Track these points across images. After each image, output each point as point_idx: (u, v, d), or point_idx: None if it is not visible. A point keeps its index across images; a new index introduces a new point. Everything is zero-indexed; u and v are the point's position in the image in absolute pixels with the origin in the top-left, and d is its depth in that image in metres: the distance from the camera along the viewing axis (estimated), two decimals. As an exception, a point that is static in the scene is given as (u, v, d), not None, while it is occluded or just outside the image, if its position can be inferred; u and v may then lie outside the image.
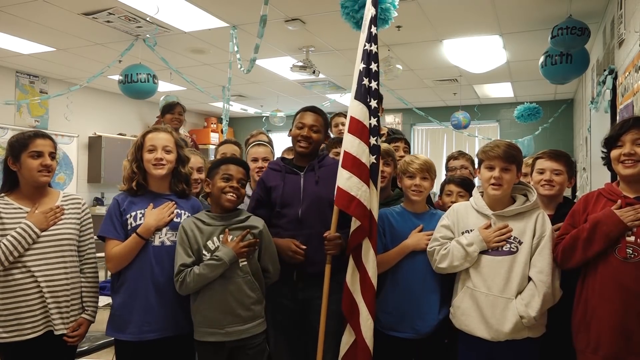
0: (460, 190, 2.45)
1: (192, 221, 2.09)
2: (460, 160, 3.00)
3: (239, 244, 2.01)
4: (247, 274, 2.04)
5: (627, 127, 1.85)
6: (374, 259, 2.08)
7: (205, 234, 2.05)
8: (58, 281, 2.04)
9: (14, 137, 2.11)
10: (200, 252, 2.03)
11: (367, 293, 2.07)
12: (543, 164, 2.27)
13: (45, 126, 6.87)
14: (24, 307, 1.99)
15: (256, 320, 2.06)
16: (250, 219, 2.13)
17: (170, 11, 4.38)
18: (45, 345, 2.03)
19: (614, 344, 1.78)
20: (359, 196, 2.06)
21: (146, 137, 2.16)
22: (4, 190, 2.11)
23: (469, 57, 5.70)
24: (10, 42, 5.28)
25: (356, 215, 2.07)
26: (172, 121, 4.35)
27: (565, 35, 3.73)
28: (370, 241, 2.09)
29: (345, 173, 2.08)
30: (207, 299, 2.01)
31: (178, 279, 1.99)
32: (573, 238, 1.89)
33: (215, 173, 2.12)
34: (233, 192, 2.08)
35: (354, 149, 2.10)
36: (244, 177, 2.13)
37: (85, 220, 2.20)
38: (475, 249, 1.99)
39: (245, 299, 2.02)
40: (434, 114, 7.83)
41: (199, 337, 2.03)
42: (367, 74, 2.16)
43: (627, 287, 1.77)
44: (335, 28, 4.70)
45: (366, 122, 2.13)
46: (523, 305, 1.90)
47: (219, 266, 1.97)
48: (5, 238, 1.97)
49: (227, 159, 2.25)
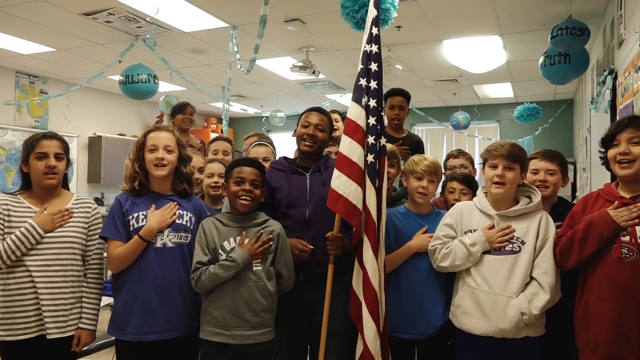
0: (463, 188, 2.44)
1: (212, 221, 2.11)
2: (460, 159, 2.99)
3: (253, 246, 2.01)
4: (260, 280, 2.03)
5: (622, 126, 1.86)
6: (373, 259, 2.05)
7: (223, 234, 2.07)
8: (57, 284, 2.04)
9: (27, 138, 2.13)
10: (216, 252, 2.04)
11: (368, 294, 2.05)
12: (537, 164, 2.27)
13: (45, 126, 6.87)
14: (19, 307, 1.99)
15: (264, 328, 2.04)
16: (268, 222, 2.13)
17: (170, 11, 4.38)
18: (42, 348, 2.03)
19: (612, 343, 1.79)
20: (346, 195, 2.04)
21: (148, 136, 2.16)
22: (20, 190, 2.14)
23: (469, 57, 5.70)
24: (10, 42, 5.27)
25: (342, 213, 2.06)
26: (184, 122, 4.36)
27: (565, 36, 3.73)
28: (369, 240, 2.06)
29: (336, 172, 2.08)
30: (217, 298, 2.02)
31: (194, 276, 2.02)
32: (569, 239, 1.91)
33: (229, 176, 2.13)
34: (246, 195, 2.07)
35: (345, 148, 2.10)
36: (257, 177, 2.11)
37: (93, 225, 2.19)
38: (478, 249, 2.00)
39: (255, 304, 2.01)
40: (434, 114, 7.84)
41: (204, 336, 2.03)
42: (364, 73, 2.16)
43: (623, 286, 1.78)
44: (335, 28, 4.70)
45: (360, 121, 2.12)
46: (526, 301, 1.90)
47: (232, 267, 1.98)
48: (9, 237, 1.98)
49: (240, 160, 2.21)
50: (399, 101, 3.50)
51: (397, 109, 3.49)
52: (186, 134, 4.39)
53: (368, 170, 2.10)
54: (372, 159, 2.11)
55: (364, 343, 2.03)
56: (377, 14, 2.20)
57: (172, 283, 2.05)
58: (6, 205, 2.05)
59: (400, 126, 3.57)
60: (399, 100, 3.50)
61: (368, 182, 2.10)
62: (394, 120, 3.50)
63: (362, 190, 2.08)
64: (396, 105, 3.49)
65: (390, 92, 3.54)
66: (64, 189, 2.21)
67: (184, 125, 4.36)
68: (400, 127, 3.57)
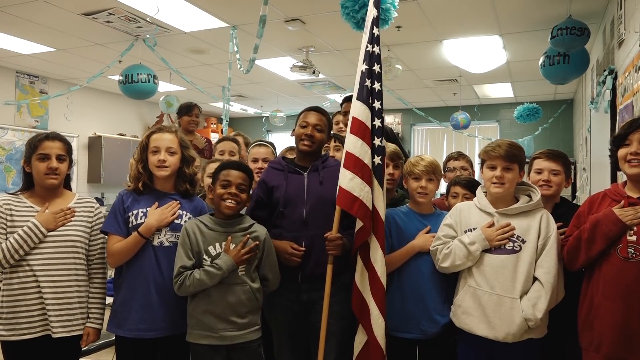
0: (466, 192, 2.43)
1: (196, 224, 2.08)
2: (461, 161, 2.99)
3: (240, 252, 2.01)
4: (245, 284, 2.03)
5: (635, 126, 1.85)
6: (382, 258, 2.09)
7: (208, 238, 2.05)
8: (61, 283, 2.04)
9: (30, 138, 2.14)
10: (200, 256, 2.03)
11: (378, 293, 2.07)
12: (541, 164, 2.27)
13: (45, 126, 6.87)
14: (23, 307, 1.99)
15: (251, 327, 2.05)
16: (254, 226, 2.12)
17: (170, 11, 4.38)
18: (46, 347, 2.03)
19: (615, 343, 1.79)
20: (361, 197, 2.06)
21: (150, 137, 2.16)
22: (21, 190, 2.15)
23: (469, 57, 5.70)
24: (10, 42, 5.27)
25: (359, 215, 2.08)
26: (190, 123, 4.36)
27: (564, 36, 3.72)
28: (378, 240, 2.09)
29: (348, 174, 2.08)
30: (203, 303, 2.01)
31: (177, 281, 1.99)
32: (576, 239, 1.90)
33: (216, 179, 2.12)
34: (231, 198, 2.06)
35: (357, 150, 2.10)
36: (244, 182, 2.10)
37: (96, 224, 2.19)
38: (478, 248, 1.99)
39: (241, 307, 2.01)
40: (434, 114, 7.83)
41: (192, 339, 2.02)
42: (369, 75, 2.16)
43: (629, 286, 1.78)
44: (335, 28, 4.70)
45: (368, 123, 2.13)
46: (530, 307, 1.90)
47: (217, 275, 1.97)
48: (12, 236, 1.98)
49: (227, 163, 2.20)
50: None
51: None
52: (192, 134, 4.40)
53: (375, 171, 2.12)
54: (379, 160, 2.13)
55: (374, 338, 2.05)
56: (378, 14, 2.20)
57: (170, 281, 2.05)
58: (8, 205, 2.05)
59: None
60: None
61: (376, 183, 2.12)
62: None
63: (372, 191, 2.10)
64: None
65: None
66: (66, 189, 2.21)
67: (190, 127, 4.36)
68: None
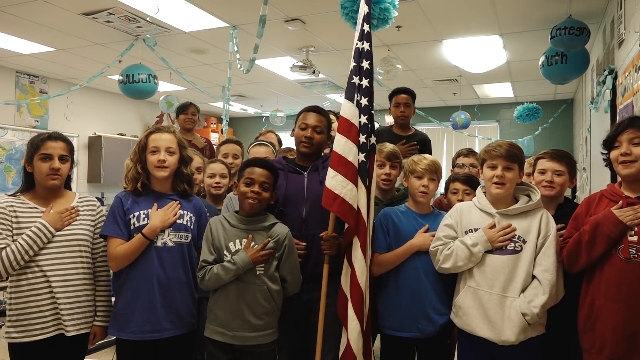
0: (466, 188, 2.44)
1: (219, 220, 2.12)
2: (470, 158, 2.99)
3: (258, 252, 2.01)
4: (263, 284, 2.03)
5: (622, 127, 1.87)
6: (362, 258, 2.07)
7: (229, 234, 2.07)
8: (71, 282, 2.04)
9: (32, 138, 2.13)
10: (221, 252, 2.05)
11: (355, 293, 2.06)
12: (545, 164, 2.26)
13: (45, 126, 6.87)
14: (34, 307, 1.99)
15: (267, 330, 2.04)
16: (275, 225, 2.11)
17: (170, 11, 4.38)
18: (54, 347, 2.03)
19: (618, 344, 1.79)
20: (342, 194, 2.05)
21: (149, 137, 2.16)
22: (21, 190, 2.13)
23: (469, 57, 5.70)
24: (10, 42, 5.27)
25: (339, 213, 2.07)
26: (186, 122, 4.36)
27: (564, 36, 3.73)
28: (359, 239, 2.07)
29: (331, 172, 2.08)
30: (221, 299, 2.03)
31: (200, 275, 2.04)
32: (576, 242, 1.90)
33: (240, 176, 2.13)
34: (254, 196, 2.07)
35: (340, 147, 2.10)
36: (267, 180, 2.10)
37: (99, 223, 2.18)
38: (480, 249, 1.99)
39: (258, 307, 2.01)
40: (434, 114, 7.83)
41: (208, 334, 2.04)
42: (357, 71, 2.16)
43: (631, 286, 1.77)
44: (335, 28, 4.70)
45: (354, 120, 2.13)
46: (526, 302, 1.90)
47: (232, 270, 1.98)
48: (21, 237, 1.98)
49: (253, 160, 2.19)
50: (404, 99, 3.50)
51: (403, 106, 3.48)
52: (191, 133, 4.40)
53: (359, 169, 2.11)
54: (363, 157, 2.12)
55: (347, 341, 2.04)
56: (369, 11, 2.20)
57: (173, 282, 2.06)
58: (12, 207, 2.04)
59: (407, 124, 3.57)
60: (404, 98, 3.50)
61: (359, 181, 2.11)
62: (400, 118, 3.50)
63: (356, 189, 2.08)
64: (402, 103, 3.49)
65: (396, 91, 3.54)
66: (67, 189, 2.20)
67: (186, 125, 4.37)
68: (406, 125, 3.57)
